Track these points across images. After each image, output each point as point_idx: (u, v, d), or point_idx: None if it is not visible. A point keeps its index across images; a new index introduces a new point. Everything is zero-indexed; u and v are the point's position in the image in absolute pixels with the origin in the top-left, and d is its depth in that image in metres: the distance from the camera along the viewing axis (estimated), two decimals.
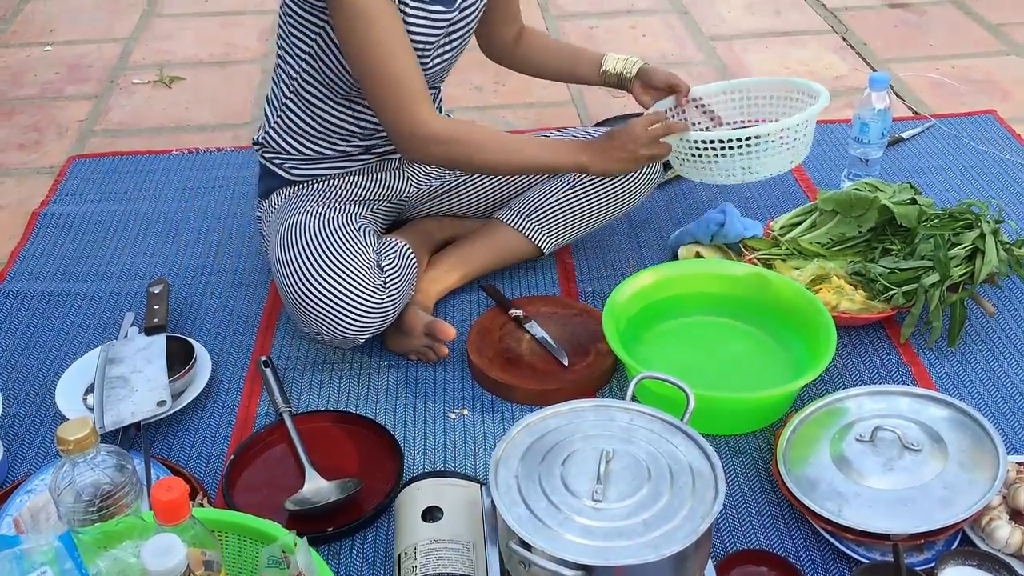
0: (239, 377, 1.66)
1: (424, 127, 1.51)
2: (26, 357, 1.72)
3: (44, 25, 3.05)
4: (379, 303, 1.55)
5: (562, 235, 1.82)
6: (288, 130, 1.70)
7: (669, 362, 1.59)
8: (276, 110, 1.70)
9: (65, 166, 2.28)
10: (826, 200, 1.77)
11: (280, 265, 1.59)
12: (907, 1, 3.07)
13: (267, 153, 1.74)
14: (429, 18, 1.57)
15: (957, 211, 1.73)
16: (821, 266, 1.72)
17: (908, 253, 1.69)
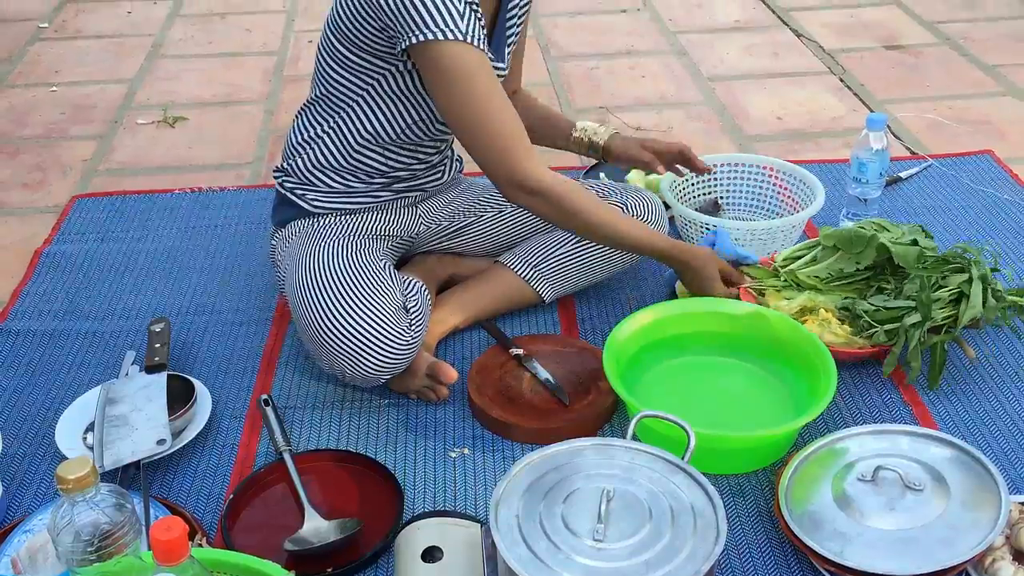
0: (239, 416, 1.66)
1: (535, 175, 1.52)
2: (26, 396, 1.71)
3: (50, 66, 3.08)
4: (404, 345, 1.56)
5: (565, 285, 1.84)
6: (316, 165, 1.71)
7: (670, 400, 1.59)
8: (307, 144, 1.70)
9: (68, 205, 2.29)
10: (827, 236, 1.79)
11: (303, 301, 1.59)
12: (904, 43, 3.10)
13: (289, 183, 1.74)
14: (497, 72, 1.60)
15: (950, 254, 1.74)
16: (811, 298, 1.73)
17: (897, 293, 1.70)
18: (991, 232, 2.11)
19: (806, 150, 2.50)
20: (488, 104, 1.49)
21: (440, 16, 1.44)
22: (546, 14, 3.38)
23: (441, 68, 1.47)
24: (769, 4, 3.43)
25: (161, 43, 3.23)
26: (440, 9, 1.44)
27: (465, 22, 1.46)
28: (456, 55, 1.46)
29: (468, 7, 1.47)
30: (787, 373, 1.64)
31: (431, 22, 1.44)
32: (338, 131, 1.67)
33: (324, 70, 1.64)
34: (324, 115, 1.68)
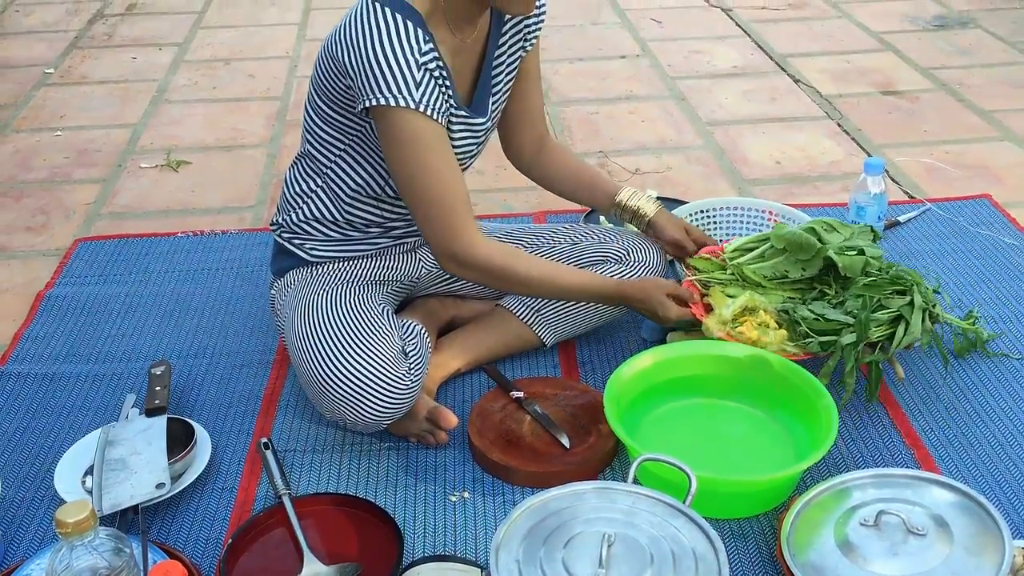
0: (239, 459, 1.65)
1: (469, 250, 1.54)
2: (26, 439, 1.71)
3: (54, 111, 3.11)
4: (404, 390, 1.56)
5: (566, 329, 1.84)
6: (311, 218, 1.72)
7: (671, 444, 1.59)
8: (301, 198, 1.71)
9: (71, 248, 2.30)
10: (779, 238, 1.80)
11: (302, 349, 1.59)
12: (900, 89, 3.13)
13: (286, 234, 1.75)
14: (471, 130, 1.63)
15: (896, 275, 1.75)
16: (752, 298, 1.73)
17: (840, 302, 1.71)
18: (990, 275, 2.11)
19: (805, 194, 2.52)
20: (430, 174, 1.50)
21: (395, 82, 1.45)
22: (547, 60, 3.41)
23: (391, 133, 1.50)
24: (767, 50, 3.48)
25: (165, 88, 3.27)
26: (396, 75, 1.45)
27: (420, 90, 1.47)
28: (405, 123, 1.47)
29: (428, 74, 1.48)
30: (788, 416, 1.64)
31: (384, 87, 1.45)
32: (328, 186, 1.68)
33: (309, 126, 1.66)
34: (313, 171, 1.69)
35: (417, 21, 1.48)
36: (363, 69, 1.46)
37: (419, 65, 1.46)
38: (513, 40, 1.68)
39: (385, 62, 1.45)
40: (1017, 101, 3.02)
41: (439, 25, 1.53)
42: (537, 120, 1.83)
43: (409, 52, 1.46)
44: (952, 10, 3.80)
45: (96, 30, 3.81)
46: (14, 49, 3.64)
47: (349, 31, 1.49)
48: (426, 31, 1.48)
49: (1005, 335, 1.92)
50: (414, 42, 1.46)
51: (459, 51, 1.58)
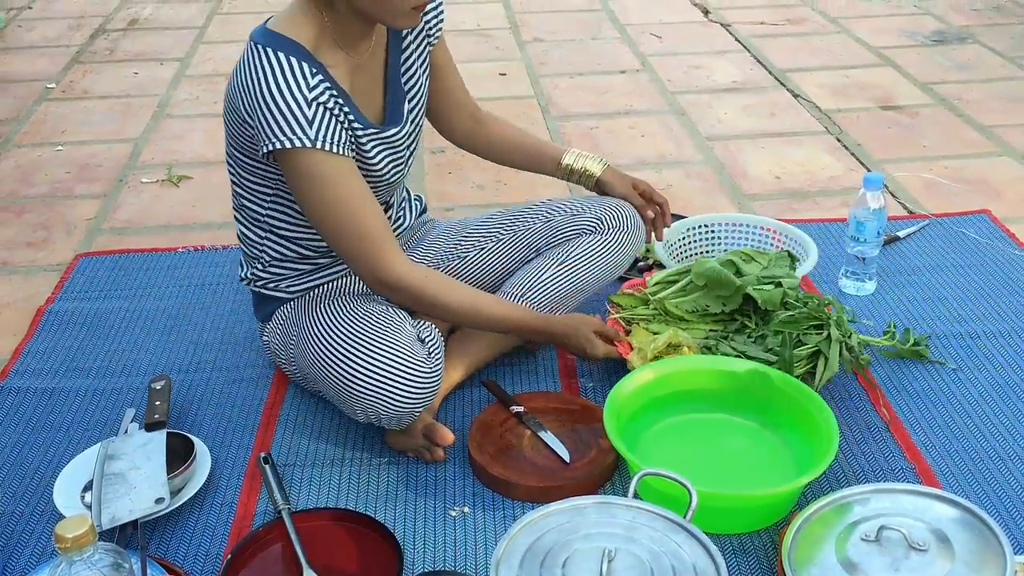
0: (238, 474, 1.65)
1: (391, 275, 1.55)
2: (25, 454, 1.71)
3: (56, 126, 3.12)
4: (428, 374, 1.56)
5: (557, 309, 1.84)
6: (273, 262, 1.73)
7: (671, 459, 1.58)
8: (256, 248, 1.73)
9: (72, 264, 2.30)
10: (699, 274, 1.83)
11: (320, 360, 1.59)
12: (899, 104, 3.14)
13: (258, 283, 1.76)
14: (386, 142, 1.63)
15: (812, 309, 1.77)
16: (676, 334, 1.75)
17: (760, 336, 1.75)
18: (990, 290, 2.12)
19: (804, 209, 2.52)
20: (339, 209, 1.52)
21: (287, 124, 1.46)
22: (547, 75, 3.44)
23: (294, 174, 1.51)
24: (766, 65, 3.49)
25: (167, 103, 3.28)
26: (287, 117, 1.46)
27: (315, 127, 1.47)
28: (306, 162, 1.49)
29: (320, 107, 1.48)
30: (789, 431, 1.63)
31: (279, 130, 1.46)
32: (274, 232, 1.70)
33: (236, 178, 1.68)
34: (253, 222, 1.70)
35: (302, 56, 1.48)
36: (257, 115, 1.47)
37: (309, 102, 1.47)
38: (417, 41, 1.69)
39: (275, 105, 1.46)
40: (1016, 116, 3.03)
41: (329, 50, 1.54)
42: (463, 104, 1.87)
43: (297, 90, 1.46)
44: (951, 25, 3.82)
45: (98, 45, 3.82)
46: (16, 64, 3.66)
47: (239, 78, 1.51)
48: (313, 63, 1.49)
49: (1005, 350, 1.92)
50: (301, 79, 1.47)
51: (358, 69, 1.59)
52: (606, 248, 1.83)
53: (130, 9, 4.23)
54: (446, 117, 1.87)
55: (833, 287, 2.13)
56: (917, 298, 2.09)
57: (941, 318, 2.02)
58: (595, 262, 1.83)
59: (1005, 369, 1.87)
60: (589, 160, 1.88)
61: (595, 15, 4.05)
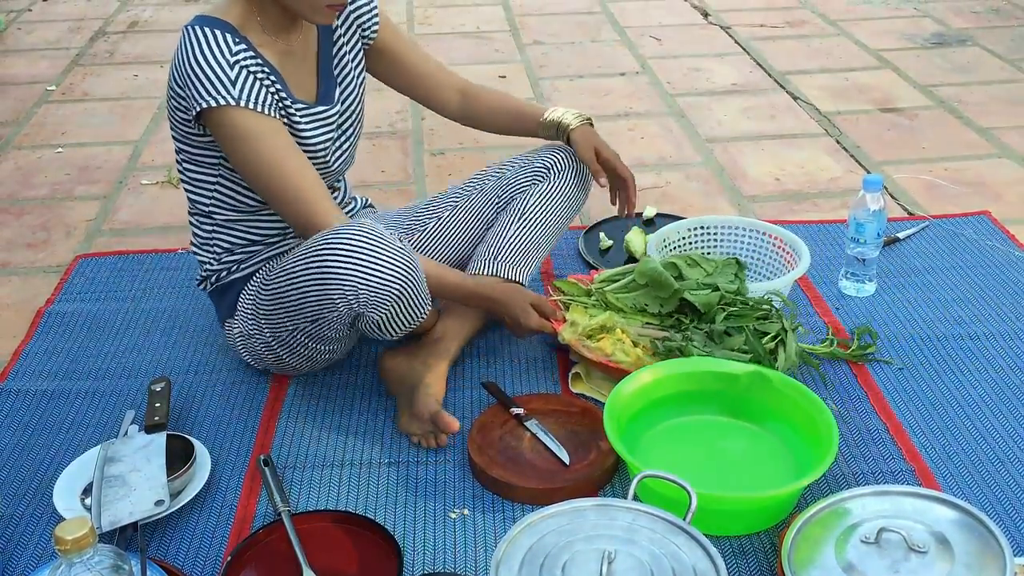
0: (238, 476, 1.65)
1: (329, 226, 1.58)
2: (25, 456, 1.71)
3: (56, 128, 3.12)
4: (399, 250, 1.55)
5: (531, 262, 1.88)
6: (226, 251, 1.77)
7: (671, 460, 1.59)
8: (208, 243, 1.78)
9: (71, 265, 2.30)
10: (641, 273, 1.85)
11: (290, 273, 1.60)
12: (899, 106, 3.14)
13: (217, 277, 1.79)
14: (318, 119, 1.69)
15: (755, 300, 1.81)
16: (611, 318, 1.77)
17: (707, 334, 1.76)
18: (990, 291, 2.12)
19: (804, 210, 2.52)
20: (270, 167, 1.58)
21: (211, 84, 1.54)
22: (546, 77, 3.44)
23: (224, 134, 1.59)
24: (765, 68, 3.49)
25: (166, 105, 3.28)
26: (211, 78, 1.54)
27: (239, 87, 1.55)
28: (233, 120, 1.56)
29: (243, 70, 1.56)
30: (789, 433, 1.63)
31: (204, 92, 1.54)
32: (222, 222, 1.75)
33: (182, 173, 1.74)
34: (202, 215, 1.76)
35: (227, 29, 1.57)
36: (187, 82, 1.56)
37: (231, 64, 1.55)
38: (349, 35, 1.77)
39: (200, 69, 1.55)
40: (1015, 118, 3.03)
41: (256, 32, 1.62)
42: (443, 78, 1.93)
43: (220, 55, 1.55)
44: (950, 28, 3.82)
45: (98, 47, 3.83)
46: (16, 67, 3.66)
47: (175, 57, 1.60)
48: (237, 36, 1.58)
49: (1005, 351, 1.92)
50: (224, 45, 1.56)
51: (288, 55, 1.66)
52: (557, 191, 1.90)
53: (130, 12, 4.24)
54: (433, 98, 1.92)
55: (833, 288, 2.13)
56: (917, 299, 2.09)
57: (941, 320, 2.02)
58: (550, 207, 1.89)
59: (1005, 371, 1.87)
60: (568, 114, 1.91)
61: (595, 18, 4.05)
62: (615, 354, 1.73)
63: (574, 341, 1.73)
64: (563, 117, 1.90)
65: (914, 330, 1.99)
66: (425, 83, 1.91)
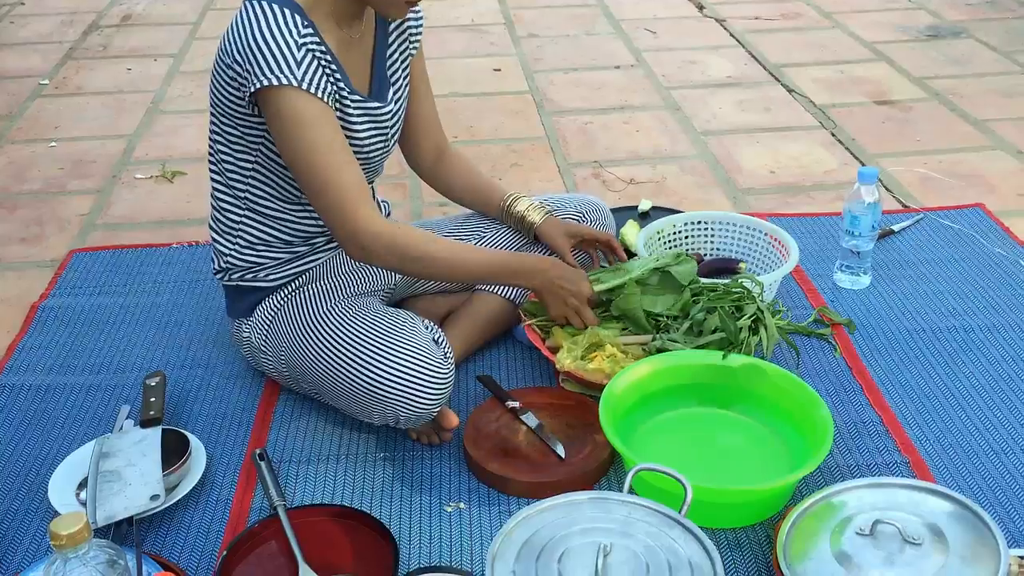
0: (234, 470, 1.65)
1: (367, 228, 1.55)
2: (20, 451, 1.70)
3: (49, 122, 3.11)
4: (445, 375, 1.57)
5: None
6: (251, 246, 1.73)
7: (666, 453, 1.59)
8: (233, 232, 1.73)
9: (66, 259, 2.30)
10: (619, 309, 1.79)
11: (334, 365, 1.59)
12: (893, 99, 3.15)
13: (236, 273, 1.75)
14: (370, 114, 1.65)
15: (727, 286, 1.81)
16: (595, 333, 1.74)
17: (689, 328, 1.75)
18: (985, 283, 2.12)
19: (799, 203, 2.53)
20: (319, 154, 1.53)
21: (275, 62, 1.49)
22: (541, 70, 3.43)
23: (278, 114, 1.52)
24: (760, 60, 3.49)
25: (160, 99, 3.27)
26: (275, 55, 1.49)
27: (302, 69, 1.50)
28: (290, 102, 1.51)
29: (309, 53, 1.51)
30: (784, 425, 1.64)
31: (267, 68, 1.49)
32: (252, 210, 1.70)
33: (216, 155, 1.69)
34: (232, 202, 1.71)
35: (296, 10, 1.52)
36: (247, 57, 1.50)
37: (299, 45, 1.50)
38: (400, 40, 1.73)
39: (265, 45, 1.49)
40: (1009, 110, 3.03)
41: (323, 17, 1.57)
42: (432, 129, 1.87)
43: (288, 34, 1.50)
44: (945, 20, 3.82)
45: (91, 41, 3.81)
46: (9, 60, 3.65)
47: (232, 30, 1.54)
48: (305, 19, 1.53)
49: (999, 343, 1.93)
50: (292, 26, 1.50)
51: (348, 45, 1.62)
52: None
53: (123, 5, 4.22)
54: (412, 142, 1.86)
55: (828, 281, 2.14)
56: (912, 292, 2.10)
57: (936, 311, 2.03)
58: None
59: (999, 362, 1.87)
60: (531, 210, 1.86)
61: (590, 10, 4.05)
62: (615, 370, 1.69)
63: (574, 368, 1.71)
64: (527, 213, 1.85)
65: (909, 322, 1.99)
66: (419, 124, 1.84)
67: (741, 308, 1.78)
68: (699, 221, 2.15)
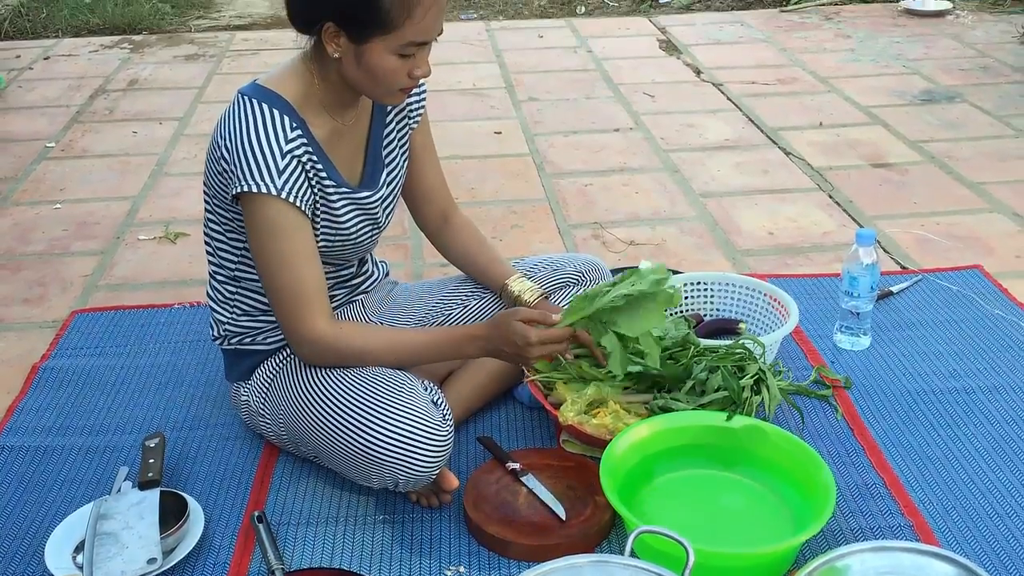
0: (232, 533, 1.63)
1: (309, 335, 1.60)
2: (17, 513, 1.69)
3: (54, 184, 3.14)
4: (445, 437, 1.57)
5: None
6: (247, 314, 1.75)
7: (668, 516, 1.58)
8: (228, 304, 1.75)
9: (67, 320, 2.31)
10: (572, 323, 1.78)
11: (332, 428, 1.59)
12: (889, 161, 3.18)
13: (234, 339, 1.77)
14: (357, 203, 1.68)
15: (728, 346, 1.82)
16: (599, 389, 1.75)
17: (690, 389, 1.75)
18: (984, 345, 2.12)
19: (798, 264, 2.54)
20: (281, 263, 1.58)
21: (258, 169, 1.53)
22: (541, 133, 3.48)
23: (252, 219, 1.57)
24: (758, 123, 3.53)
25: (165, 162, 3.31)
26: (260, 163, 1.53)
27: (284, 177, 1.54)
28: (266, 209, 1.55)
29: (295, 160, 1.55)
30: (786, 488, 1.63)
31: (249, 175, 1.53)
32: (243, 287, 1.73)
33: (209, 234, 1.72)
34: (225, 277, 1.74)
35: (286, 110, 1.56)
36: (234, 159, 1.54)
37: (284, 153, 1.54)
38: (399, 118, 1.76)
39: (251, 150, 1.53)
40: (1005, 173, 3.06)
41: (313, 110, 1.61)
42: (437, 196, 1.89)
43: (275, 140, 1.54)
44: (939, 85, 3.88)
45: (98, 105, 3.87)
46: (16, 124, 3.69)
47: (223, 126, 1.58)
48: (295, 118, 1.56)
49: (1001, 405, 1.92)
50: (280, 130, 1.54)
51: (340, 134, 1.65)
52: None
53: (130, 70, 4.29)
54: (417, 205, 1.89)
55: (828, 342, 2.14)
56: (912, 353, 2.10)
57: (937, 373, 2.03)
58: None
59: (1001, 424, 1.87)
60: (527, 291, 1.84)
61: (589, 75, 4.11)
62: (618, 427, 1.69)
63: (577, 423, 1.70)
64: (522, 293, 1.84)
65: (910, 383, 1.99)
66: (422, 191, 1.86)
67: (743, 368, 1.78)
68: (699, 282, 2.16)
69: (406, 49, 1.52)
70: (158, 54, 4.52)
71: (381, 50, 1.52)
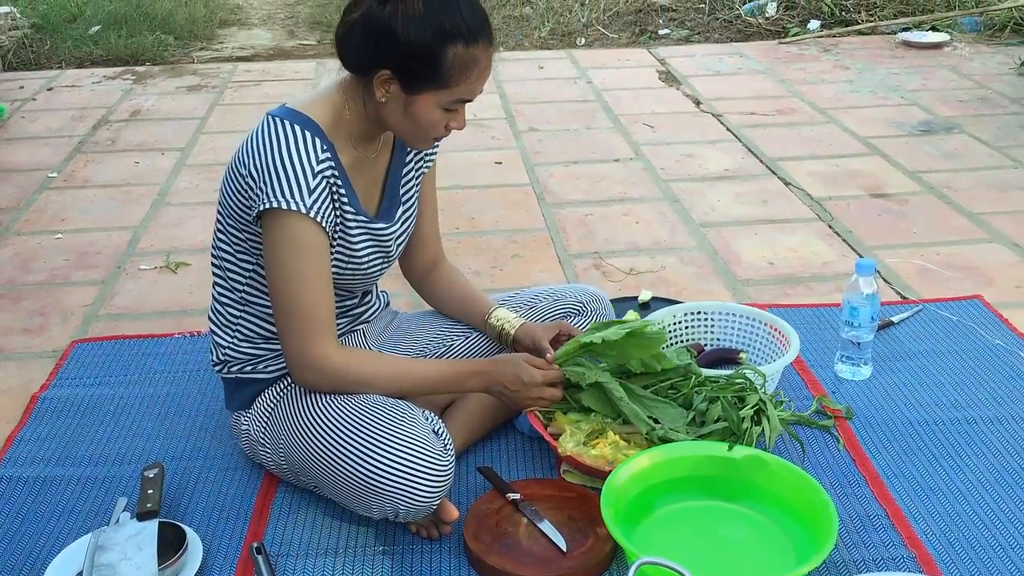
0: (230, 564, 1.62)
1: (322, 359, 1.61)
2: (15, 543, 1.68)
3: (56, 214, 3.15)
4: (446, 467, 1.57)
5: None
6: (248, 340, 1.75)
7: (670, 546, 1.57)
8: (231, 327, 1.75)
9: (67, 350, 2.30)
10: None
11: (332, 458, 1.59)
12: (889, 192, 3.19)
13: (235, 366, 1.77)
14: (372, 234, 1.69)
15: (729, 376, 1.82)
16: (599, 419, 1.75)
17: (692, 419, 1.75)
18: (985, 375, 2.12)
19: (798, 294, 2.54)
20: (297, 282, 1.58)
21: (290, 187, 1.54)
22: (542, 164, 3.49)
23: (275, 234, 1.57)
24: (757, 154, 3.55)
25: (167, 192, 3.32)
26: (291, 180, 1.54)
27: (313, 196, 1.55)
28: (292, 226, 1.56)
29: (324, 181, 1.57)
30: (787, 519, 1.62)
31: (279, 191, 1.54)
32: (249, 307, 1.73)
33: (219, 254, 1.72)
34: (230, 299, 1.74)
35: (317, 132, 1.58)
36: (264, 174, 1.55)
37: (315, 173, 1.56)
38: (417, 159, 1.79)
39: (283, 168, 1.54)
40: (1003, 203, 3.07)
41: (343, 139, 1.63)
42: (430, 244, 1.90)
43: (307, 159, 1.55)
44: (937, 116, 3.90)
45: (100, 135, 3.89)
46: (18, 154, 3.71)
47: (252, 143, 1.59)
48: (325, 141, 1.58)
49: (1003, 435, 1.92)
50: (312, 150, 1.56)
51: (361, 164, 1.67)
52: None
53: (133, 100, 4.32)
54: (409, 253, 1.89)
55: (829, 372, 2.14)
56: (913, 383, 2.09)
57: (938, 403, 2.02)
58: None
59: (1003, 455, 1.86)
60: (507, 322, 1.86)
61: (589, 106, 4.14)
62: (617, 457, 1.69)
63: (576, 454, 1.70)
64: (503, 325, 1.86)
65: (911, 413, 1.99)
66: (416, 240, 1.86)
67: (743, 399, 1.78)
68: (699, 312, 2.16)
69: (453, 105, 1.57)
70: (161, 85, 4.55)
71: (431, 103, 1.56)
